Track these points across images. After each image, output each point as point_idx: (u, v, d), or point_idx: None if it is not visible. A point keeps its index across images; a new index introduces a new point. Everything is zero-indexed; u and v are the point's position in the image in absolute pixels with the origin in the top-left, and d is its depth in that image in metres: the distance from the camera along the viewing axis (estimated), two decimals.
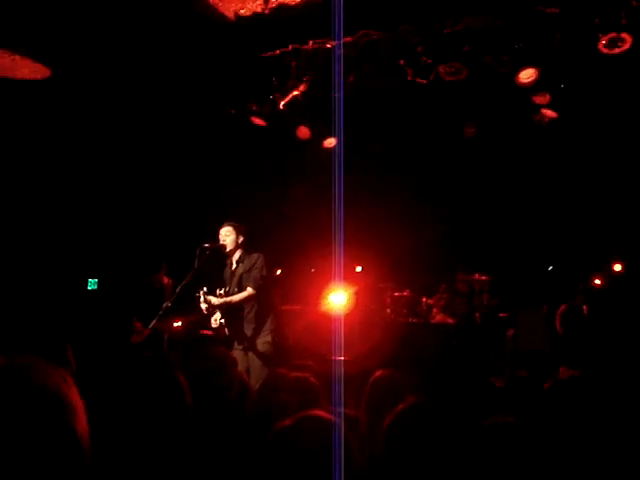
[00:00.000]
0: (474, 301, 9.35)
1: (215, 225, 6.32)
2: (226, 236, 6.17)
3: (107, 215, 9.42)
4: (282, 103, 8.30)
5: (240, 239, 6.22)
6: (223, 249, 6.17)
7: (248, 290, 6.04)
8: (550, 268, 10.27)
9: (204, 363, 3.28)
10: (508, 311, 9.07)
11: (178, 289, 5.70)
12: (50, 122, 8.38)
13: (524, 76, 7.42)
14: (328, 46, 7.59)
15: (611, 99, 8.08)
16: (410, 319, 9.46)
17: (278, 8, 6.56)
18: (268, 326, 6.17)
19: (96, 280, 9.59)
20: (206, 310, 5.97)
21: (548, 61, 7.27)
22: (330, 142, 9.19)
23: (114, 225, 9.49)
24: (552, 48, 7.06)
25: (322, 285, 9.20)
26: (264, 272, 6.13)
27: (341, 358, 6.83)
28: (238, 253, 6.25)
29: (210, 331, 8.18)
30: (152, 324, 5.54)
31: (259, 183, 10.15)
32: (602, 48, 6.64)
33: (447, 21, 7.16)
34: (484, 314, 9.16)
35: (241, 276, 6.15)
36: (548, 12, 6.82)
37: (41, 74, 7.42)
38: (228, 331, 6.15)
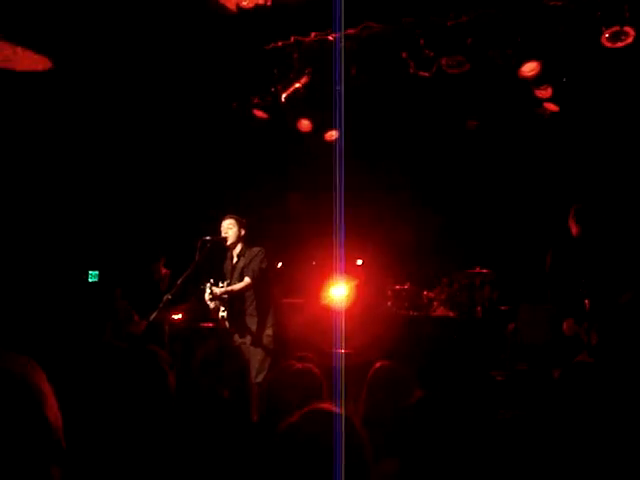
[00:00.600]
0: (475, 294, 9.34)
1: (216, 218, 6.31)
2: (228, 229, 6.15)
3: (109, 208, 9.41)
4: (284, 95, 8.28)
5: (242, 232, 6.21)
6: (224, 242, 6.17)
7: (245, 280, 6.03)
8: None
9: (205, 355, 3.28)
10: (509, 304, 9.07)
11: (179, 281, 5.67)
12: (51, 114, 8.37)
13: (527, 69, 7.41)
14: (330, 38, 7.58)
15: (614, 93, 8.06)
16: (411, 312, 9.45)
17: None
18: (269, 319, 6.17)
19: (97, 272, 9.60)
20: (210, 301, 5.95)
21: (551, 54, 7.25)
22: (331, 135, 9.19)
23: (116, 218, 9.49)
24: (555, 41, 7.04)
25: (323, 278, 9.21)
26: (264, 265, 6.11)
27: (342, 351, 6.86)
28: (239, 247, 6.24)
29: (210, 323, 8.22)
30: (152, 316, 5.52)
31: (260, 176, 10.14)
32: (605, 41, 6.62)
33: (450, 14, 7.14)
34: (485, 307, 9.15)
35: (242, 270, 6.15)
36: (551, 5, 6.80)
37: (42, 66, 7.40)
38: (229, 324, 6.15)
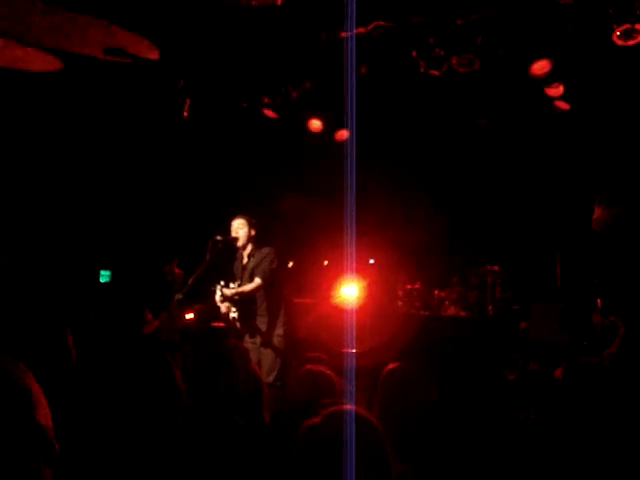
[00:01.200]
0: (487, 293, 9.31)
1: (227, 217, 6.32)
2: (239, 229, 6.16)
3: (121, 208, 9.44)
4: (294, 95, 8.28)
5: (252, 233, 6.22)
6: (235, 242, 6.17)
7: (256, 281, 6.04)
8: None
9: (216, 355, 3.28)
10: (521, 303, 9.03)
11: (190, 281, 5.69)
12: (64, 114, 8.41)
13: (537, 68, 7.38)
14: (341, 37, 7.56)
15: (625, 91, 8.01)
16: (422, 312, 9.44)
17: None
18: (280, 319, 6.18)
19: (109, 272, 9.63)
20: (221, 302, 5.98)
21: (561, 52, 7.22)
22: (342, 134, 9.18)
23: (127, 218, 9.51)
24: (565, 39, 7.00)
25: (334, 278, 9.21)
26: (274, 265, 6.13)
27: (353, 351, 6.86)
28: (249, 247, 6.25)
29: (222, 323, 8.23)
30: (163, 316, 5.55)
31: (271, 176, 10.14)
32: (617, 39, 6.58)
33: (460, 12, 7.12)
34: (497, 307, 9.12)
35: (252, 270, 6.16)
36: (562, 3, 6.76)
37: (54, 66, 7.44)
38: (240, 324, 6.16)
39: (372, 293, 9.42)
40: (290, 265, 10.08)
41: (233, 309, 6.08)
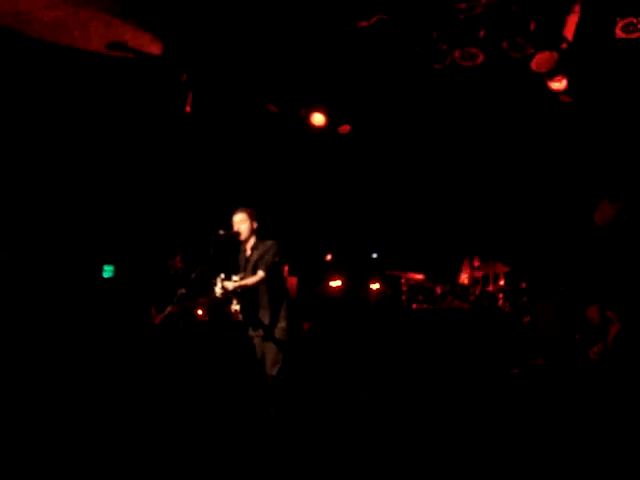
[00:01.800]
0: (490, 288, 9.31)
1: (230, 211, 6.31)
2: (240, 224, 6.15)
3: (124, 203, 9.46)
4: (297, 89, 8.29)
5: (254, 225, 6.21)
6: (238, 237, 6.17)
7: (259, 273, 6.02)
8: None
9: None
10: (525, 298, 9.04)
11: (193, 275, 5.68)
12: (70, 109, 8.42)
13: (541, 61, 7.35)
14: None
15: (629, 84, 7.99)
16: (425, 305, 9.44)
17: None
18: (283, 312, 6.17)
19: (112, 267, 9.64)
20: (221, 295, 5.96)
21: (565, 46, 7.19)
22: (345, 129, 9.19)
23: (131, 212, 9.53)
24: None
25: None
26: (277, 258, 6.11)
27: None
28: (252, 240, 6.24)
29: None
30: (167, 310, 5.55)
31: (274, 169, 10.16)
32: (620, 32, 6.56)
33: (463, 6, 7.10)
34: (501, 301, 9.12)
35: (256, 263, 6.15)
36: None
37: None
38: (243, 317, 6.17)
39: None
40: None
41: (235, 301, 6.08)
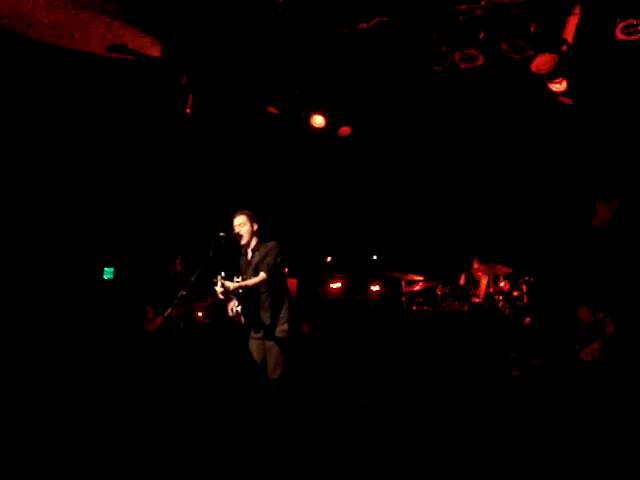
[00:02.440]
0: (491, 289, 9.30)
1: (230, 214, 6.29)
2: (240, 227, 6.13)
3: (123, 205, 9.45)
4: (296, 91, 8.27)
5: (254, 227, 6.18)
6: (239, 239, 6.14)
7: (261, 275, 5.98)
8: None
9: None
10: (525, 300, 9.03)
11: (193, 278, 5.67)
12: (69, 112, 8.41)
13: (540, 63, 7.35)
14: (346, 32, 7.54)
15: (629, 86, 7.98)
16: (426, 307, 9.42)
17: None
18: (284, 314, 6.12)
19: (112, 269, 9.63)
20: (221, 295, 5.92)
21: (565, 48, 7.18)
22: (345, 131, 9.18)
23: (130, 215, 9.52)
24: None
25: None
26: (278, 259, 6.07)
27: None
28: (254, 242, 6.21)
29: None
30: (166, 313, 5.53)
31: (274, 171, 10.15)
32: (620, 34, 6.56)
33: (462, 8, 7.09)
34: (501, 302, 9.10)
35: (257, 264, 6.12)
36: None
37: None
38: (244, 320, 6.14)
39: None
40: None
41: (236, 303, 6.05)
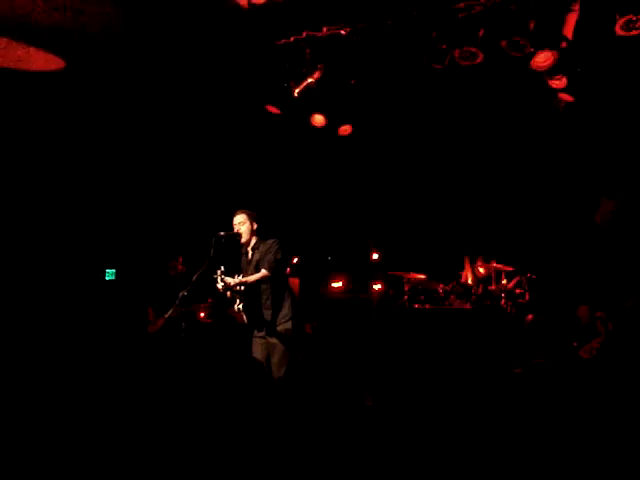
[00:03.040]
0: (492, 287, 9.29)
1: (230, 214, 6.29)
2: (240, 225, 6.13)
3: (126, 206, 9.46)
4: (297, 91, 8.26)
5: (254, 226, 6.18)
6: (239, 238, 6.15)
7: (262, 271, 5.96)
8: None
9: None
10: (527, 297, 9.02)
11: (194, 278, 5.66)
12: (67, 113, 8.41)
13: (540, 60, 7.34)
14: (342, 33, 7.54)
15: (629, 82, 7.97)
16: (427, 305, 9.41)
17: None
18: (287, 312, 6.09)
19: (114, 270, 9.62)
20: (222, 290, 5.89)
21: (565, 44, 7.17)
22: (345, 129, 9.18)
23: (133, 216, 9.53)
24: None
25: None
26: (279, 256, 6.04)
27: None
28: (253, 240, 6.21)
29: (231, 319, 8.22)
30: (168, 313, 5.52)
31: (275, 171, 10.15)
32: (619, 30, 6.55)
33: (462, 5, 7.08)
34: (503, 300, 9.09)
35: (257, 262, 6.12)
36: None
37: (55, 65, 7.43)
38: (247, 318, 6.13)
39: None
40: (295, 260, 10.10)
41: (238, 301, 6.03)
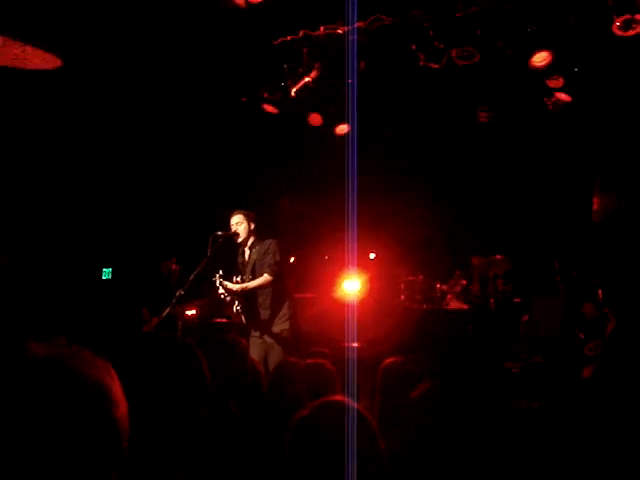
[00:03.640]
0: (488, 287, 9.29)
1: (227, 213, 6.30)
2: (237, 225, 6.14)
3: (121, 206, 9.44)
4: (293, 90, 8.26)
5: (251, 226, 6.19)
6: (236, 237, 6.15)
7: (265, 276, 5.98)
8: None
9: (217, 350, 3.27)
10: (523, 296, 9.02)
11: (191, 277, 5.66)
12: (62, 112, 8.39)
13: (537, 59, 7.35)
14: (339, 32, 7.54)
15: (626, 81, 7.98)
16: (424, 305, 9.42)
17: None
18: (285, 312, 6.12)
19: (110, 269, 9.61)
20: (223, 295, 5.91)
21: (562, 44, 7.18)
22: (342, 129, 9.17)
23: (128, 216, 9.51)
24: (566, 30, 6.96)
25: (335, 272, 9.22)
26: (277, 257, 6.06)
27: (355, 344, 6.84)
28: (251, 241, 6.22)
29: (224, 318, 8.21)
30: (164, 312, 5.51)
31: (271, 170, 10.13)
32: (616, 30, 6.55)
33: (459, 5, 7.08)
34: (499, 300, 9.09)
35: (255, 263, 6.12)
36: None
37: (52, 64, 7.42)
38: (245, 319, 6.13)
39: (374, 287, 9.43)
40: (292, 260, 10.08)
41: (236, 302, 6.03)
